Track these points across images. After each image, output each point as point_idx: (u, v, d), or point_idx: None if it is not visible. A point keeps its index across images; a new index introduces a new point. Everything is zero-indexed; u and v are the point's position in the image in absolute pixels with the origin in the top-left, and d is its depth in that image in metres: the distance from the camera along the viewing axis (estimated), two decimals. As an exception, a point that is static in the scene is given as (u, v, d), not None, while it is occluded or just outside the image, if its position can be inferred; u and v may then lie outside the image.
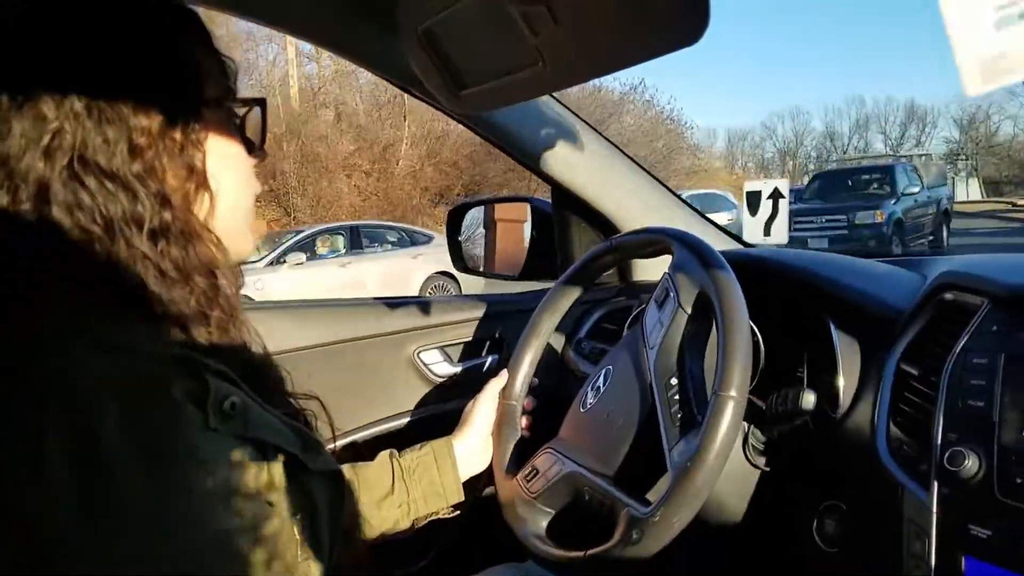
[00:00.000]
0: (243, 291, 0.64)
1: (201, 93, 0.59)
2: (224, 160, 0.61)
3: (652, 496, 0.73)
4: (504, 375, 1.01)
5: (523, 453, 0.96)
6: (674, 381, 0.77)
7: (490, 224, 1.58)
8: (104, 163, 0.52)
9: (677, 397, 0.76)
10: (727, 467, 0.70)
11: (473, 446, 0.95)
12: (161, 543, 0.46)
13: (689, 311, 0.79)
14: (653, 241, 0.90)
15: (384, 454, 0.92)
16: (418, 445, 0.94)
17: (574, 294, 1.03)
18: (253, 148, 0.66)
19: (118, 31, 0.55)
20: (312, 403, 0.70)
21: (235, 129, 0.64)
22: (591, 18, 0.65)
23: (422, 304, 1.36)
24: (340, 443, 1.13)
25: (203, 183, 0.58)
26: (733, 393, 0.69)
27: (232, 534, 0.49)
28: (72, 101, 0.52)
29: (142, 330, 0.52)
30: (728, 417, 0.68)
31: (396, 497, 0.87)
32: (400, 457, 0.92)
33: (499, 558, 1.02)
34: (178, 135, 0.56)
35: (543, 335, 1.03)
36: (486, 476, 0.98)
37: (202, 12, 0.64)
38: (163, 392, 0.48)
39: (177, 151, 0.56)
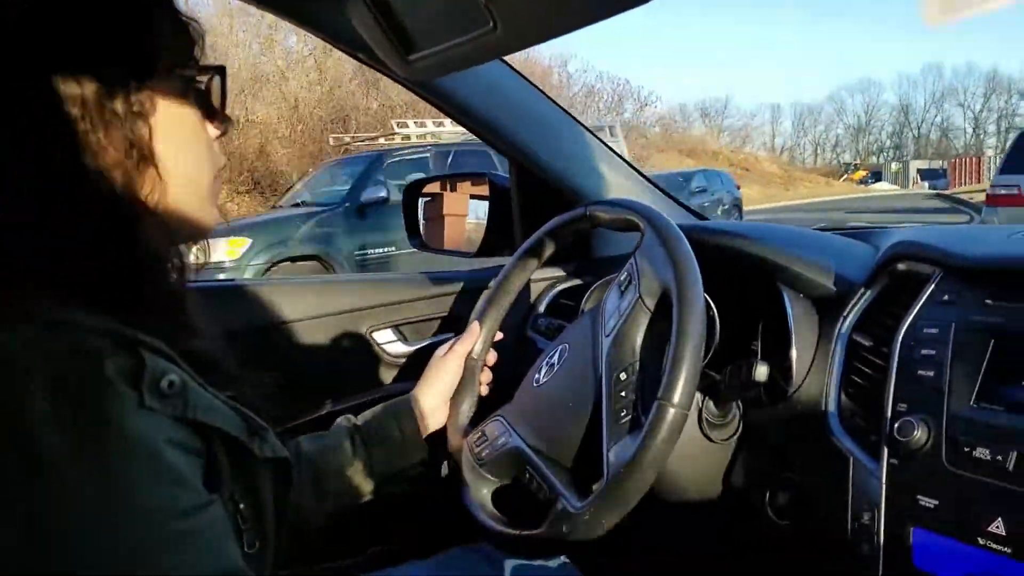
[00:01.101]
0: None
1: (149, 60, 0.55)
2: (177, 132, 0.57)
3: (588, 491, 0.73)
4: (471, 331, 0.99)
5: (478, 413, 0.95)
6: (623, 376, 0.76)
7: (446, 200, 1.55)
8: (34, 142, 0.49)
9: (623, 394, 0.75)
10: (681, 440, 0.69)
11: (433, 403, 0.93)
12: (93, 530, 0.43)
13: (648, 305, 0.78)
14: (625, 217, 0.88)
15: (340, 420, 0.90)
16: (376, 407, 0.92)
17: (544, 254, 1.01)
18: (215, 118, 0.62)
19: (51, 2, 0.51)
20: (263, 384, 0.67)
21: (194, 99, 0.60)
22: (540, -26, 0.63)
23: (375, 282, 1.33)
24: (292, 424, 1.10)
25: (147, 158, 0.53)
26: (675, 402, 0.67)
27: (169, 520, 0.46)
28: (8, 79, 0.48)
29: (82, 310, 0.48)
30: (668, 427, 0.67)
31: (358, 462, 0.85)
32: (358, 420, 0.90)
33: (458, 540, 1.00)
34: (119, 106, 0.52)
35: (511, 292, 1.02)
36: (444, 452, 0.96)
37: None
38: (94, 367, 0.45)
39: (117, 124, 0.51)
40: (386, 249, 6.73)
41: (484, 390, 0.99)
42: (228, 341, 0.66)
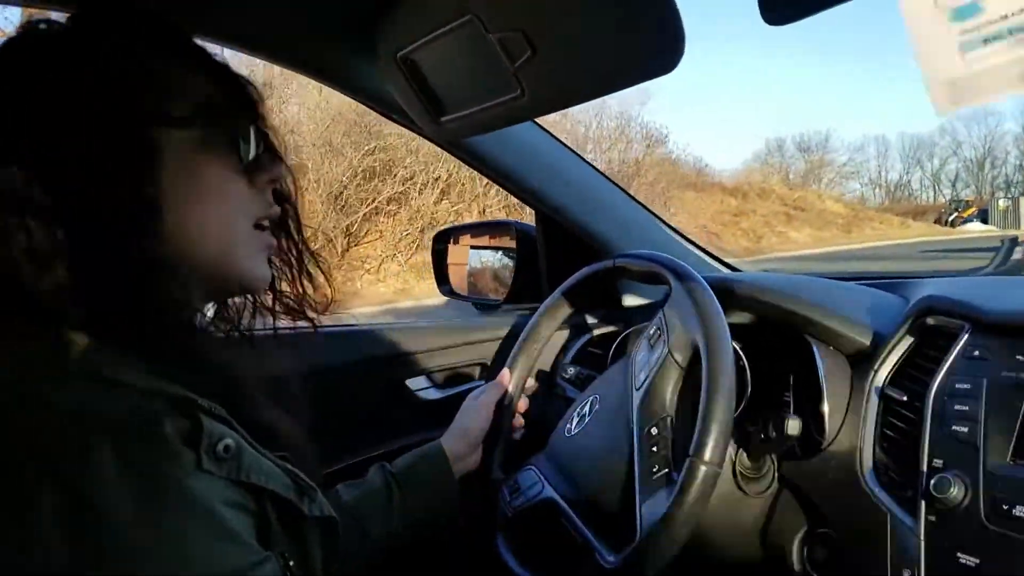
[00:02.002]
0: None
1: (155, 113, 0.54)
2: (197, 184, 0.56)
3: (622, 544, 0.72)
4: (501, 378, 1.00)
5: (510, 459, 0.96)
6: (654, 431, 0.77)
7: (474, 249, 1.58)
8: (39, 196, 0.49)
9: (655, 448, 0.76)
10: (715, 493, 0.70)
11: (462, 450, 0.93)
12: None
13: (678, 360, 0.79)
14: (653, 271, 0.89)
15: (374, 467, 0.91)
16: (408, 454, 0.93)
17: (571, 305, 1.03)
18: (253, 166, 0.61)
19: (70, 57, 0.53)
20: (302, 438, 0.67)
21: (222, 149, 0.59)
22: (567, 47, 0.66)
23: (409, 330, 1.34)
24: (328, 470, 1.12)
25: (153, 211, 0.52)
26: (706, 459, 0.68)
27: None
28: (21, 131, 0.50)
29: (134, 367, 0.49)
30: (700, 484, 0.68)
31: (395, 507, 0.86)
32: (391, 467, 0.91)
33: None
34: (121, 160, 0.51)
35: (541, 339, 1.04)
36: (472, 487, 0.97)
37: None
38: (156, 431, 0.46)
39: (122, 179, 0.51)
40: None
41: (516, 435, 1.00)
42: (268, 387, 0.66)
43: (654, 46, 0.59)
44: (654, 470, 0.74)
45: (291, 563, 0.55)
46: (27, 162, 0.49)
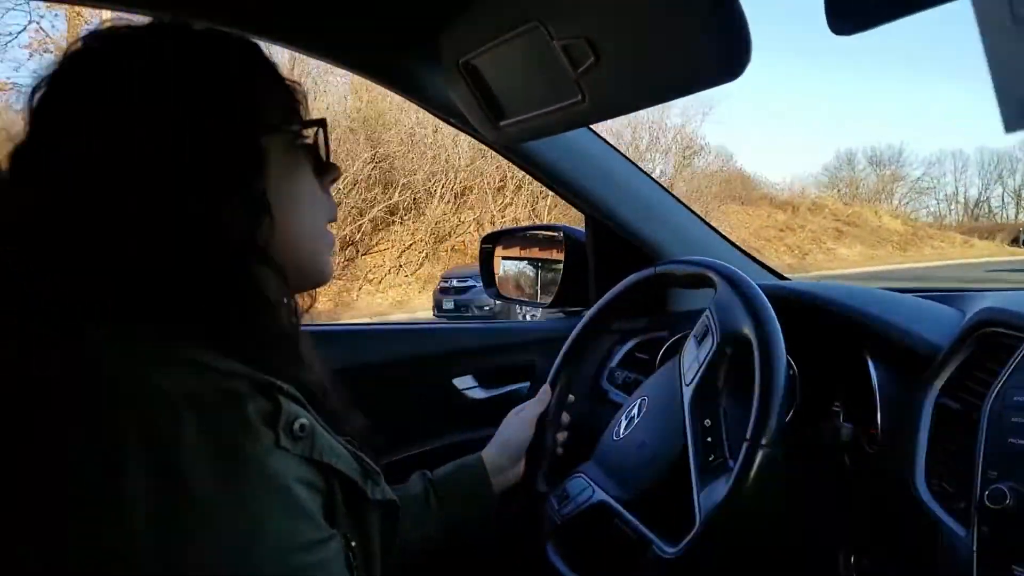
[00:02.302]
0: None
1: (259, 120, 0.59)
2: (289, 185, 0.61)
3: (679, 535, 0.73)
4: (543, 394, 1.01)
5: (556, 472, 0.97)
6: (708, 422, 0.77)
7: (523, 252, 1.60)
8: (165, 203, 0.53)
9: (710, 439, 0.76)
10: (766, 501, 0.70)
11: (503, 463, 0.95)
12: (226, 556, 0.47)
13: (728, 352, 0.79)
14: (697, 274, 0.90)
15: (415, 475, 0.93)
16: (449, 464, 0.95)
17: (613, 316, 1.04)
18: (323, 170, 0.66)
19: (175, 67, 0.56)
20: (365, 425, 0.70)
21: (302, 152, 0.64)
22: (631, 53, 0.67)
23: (457, 330, 1.37)
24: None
25: (264, 211, 0.57)
26: (764, 442, 0.68)
27: (292, 553, 0.49)
28: (131, 139, 0.53)
29: (214, 352, 0.53)
30: (758, 466, 0.68)
31: (432, 515, 0.88)
32: (432, 475, 0.93)
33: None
34: (237, 165, 0.57)
35: (581, 353, 1.04)
36: (517, 497, 0.98)
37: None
38: (238, 408, 0.49)
39: (237, 182, 0.56)
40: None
41: (559, 449, 1.00)
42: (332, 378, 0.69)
43: (719, 52, 0.60)
44: (710, 459, 0.74)
45: (352, 543, 0.58)
46: (142, 168, 0.53)
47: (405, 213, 14.33)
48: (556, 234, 1.52)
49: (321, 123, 0.66)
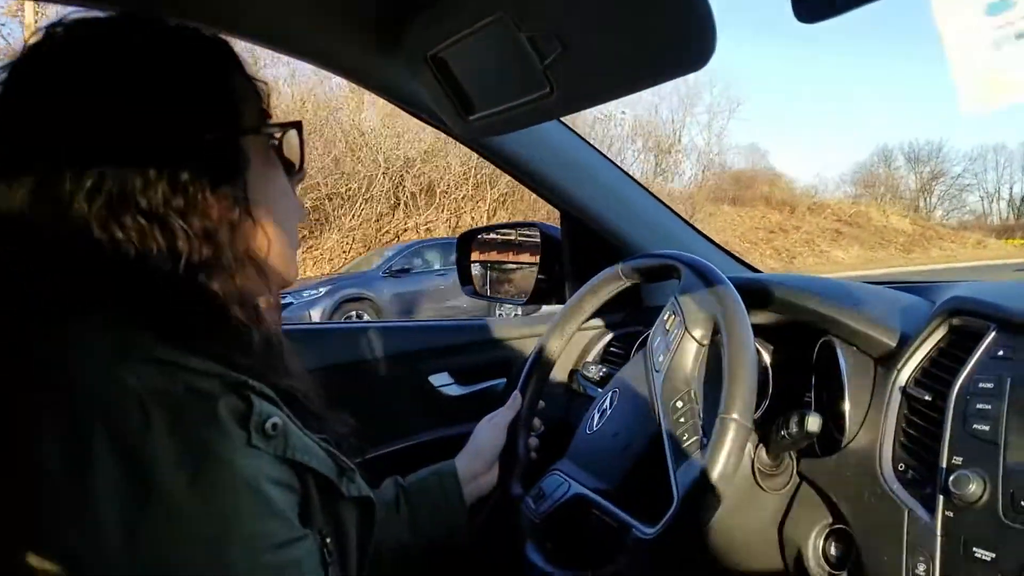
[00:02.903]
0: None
1: (239, 121, 0.59)
2: (265, 186, 0.61)
3: (658, 516, 0.73)
4: (514, 400, 1.01)
5: (530, 475, 0.96)
6: (680, 404, 0.78)
7: (498, 249, 1.59)
8: (143, 203, 0.52)
9: (682, 420, 0.76)
10: (734, 490, 0.70)
11: (476, 469, 0.95)
12: (198, 555, 0.47)
13: (695, 335, 0.80)
14: (661, 266, 0.91)
15: (387, 480, 0.92)
16: (422, 470, 0.94)
17: (581, 317, 1.04)
18: (292, 170, 0.66)
19: (155, 66, 0.56)
20: (343, 424, 0.69)
21: (274, 153, 0.64)
22: (598, 43, 0.67)
23: (432, 327, 1.37)
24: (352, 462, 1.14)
25: (246, 212, 0.58)
26: (736, 416, 0.69)
27: (263, 553, 0.49)
28: (112, 140, 0.53)
29: (189, 352, 0.52)
30: (732, 439, 0.69)
31: (402, 521, 0.87)
32: (403, 481, 0.92)
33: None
34: (219, 166, 0.56)
35: (551, 358, 1.04)
36: (490, 502, 0.98)
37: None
38: (208, 407, 0.49)
39: (219, 182, 0.56)
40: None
41: (532, 454, 1.00)
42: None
43: (685, 41, 0.60)
44: (684, 439, 0.74)
45: (328, 540, 0.57)
46: (123, 164, 0.53)
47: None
48: (532, 231, 1.52)
49: (297, 125, 0.66)
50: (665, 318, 0.85)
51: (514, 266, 1.57)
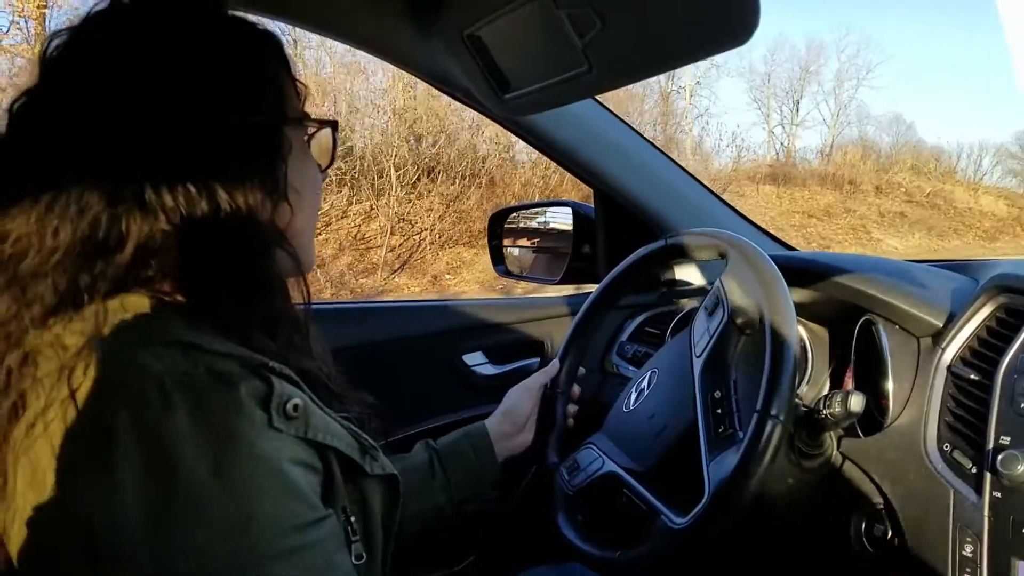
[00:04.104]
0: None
1: (285, 113, 0.62)
2: (301, 176, 0.63)
3: (688, 506, 0.73)
4: (551, 366, 1.02)
5: (566, 443, 0.97)
6: (718, 394, 0.77)
7: (531, 228, 1.59)
8: (190, 176, 0.54)
9: (720, 411, 0.76)
10: (775, 470, 0.70)
11: (506, 430, 0.96)
12: (220, 537, 0.47)
13: (739, 323, 0.78)
14: (709, 245, 0.89)
15: (419, 444, 0.94)
16: (451, 433, 0.96)
17: (624, 290, 1.03)
18: (322, 166, 0.69)
19: (212, 49, 0.57)
20: (366, 404, 0.71)
21: (308, 147, 0.67)
22: (638, 19, 0.66)
23: (467, 306, 1.37)
24: (383, 442, 1.16)
25: (284, 196, 0.59)
26: (774, 413, 0.68)
27: (286, 534, 0.49)
28: (167, 117, 0.53)
29: (212, 333, 0.53)
30: (768, 437, 0.68)
31: (436, 482, 0.89)
32: (435, 444, 0.94)
33: (541, 558, 1.02)
34: (265, 152, 0.58)
35: (593, 326, 1.04)
36: (526, 471, 0.98)
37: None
38: (230, 390, 0.49)
39: (263, 165, 0.58)
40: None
41: (570, 421, 1.01)
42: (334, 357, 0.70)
43: (728, 15, 0.59)
44: (720, 431, 0.74)
45: (352, 518, 0.58)
46: (176, 141, 0.53)
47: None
48: (565, 209, 1.52)
49: (333, 124, 0.68)
50: (709, 302, 0.84)
51: (547, 245, 1.57)
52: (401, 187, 9.29)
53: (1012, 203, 18.59)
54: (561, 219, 1.53)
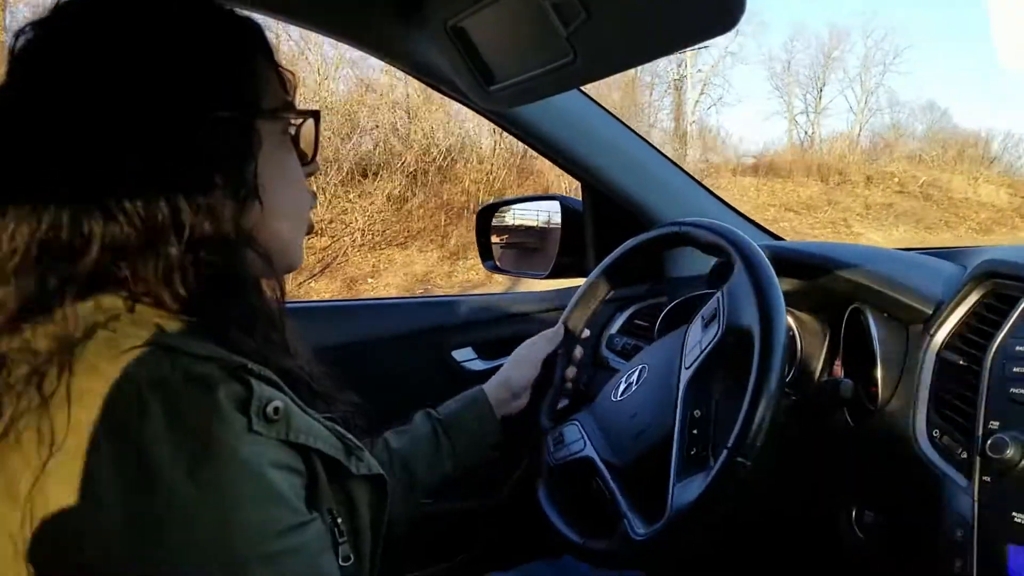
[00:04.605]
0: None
1: (258, 104, 0.59)
2: (276, 171, 0.61)
3: (652, 516, 0.74)
4: (555, 334, 1.02)
5: (559, 410, 0.99)
6: (698, 413, 0.77)
7: (519, 223, 1.59)
8: (149, 175, 0.52)
9: (696, 432, 0.76)
10: (766, 460, 0.70)
11: (502, 396, 0.97)
12: (201, 545, 0.46)
13: (731, 344, 0.77)
14: (718, 245, 0.86)
15: (420, 413, 0.94)
16: (450, 401, 0.96)
17: (629, 266, 1.02)
18: (306, 160, 0.66)
19: (175, 38, 0.55)
20: (351, 403, 0.69)
21: (289, 141, 0.64)
22: (623, 7, 0.65)
23: (456, 302, 1.37)
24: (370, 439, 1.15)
25: (253, 194, 0.57)
26: (743, 454, 0.67)
27: (268, 540, 0.49)
28: (124, 110, 0.52)
29: (190, 334, 0.52)
30: (733, 478, 0.68)
31: (443, 450, 0.90)
32: (437, 413, 0.94)
33: (534, 553, 1.02)
34: (230, 145, 0.56)
35: (597, 297, 1.04)
36: (519, 431, 0.99)
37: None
38: (208, 394, 0.48)
39: (229, 161, 0.55)
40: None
41: (568, 386, 1.02)
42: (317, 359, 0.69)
43: (712, 4, 0.59)
44: (692, 452, 0.74)
45: (339, 519, 0.57)
46: (136, 148, 0.52)
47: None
48: (553, 204, 1.51)
49: (315, 114, 0.66)
50: (707, 312, 0.82)
51: (534, 239, 1.56)
52: (341, 185, 8.96)
53: (1015, 192, 17.28)
54: (549, 213, 1.53)
